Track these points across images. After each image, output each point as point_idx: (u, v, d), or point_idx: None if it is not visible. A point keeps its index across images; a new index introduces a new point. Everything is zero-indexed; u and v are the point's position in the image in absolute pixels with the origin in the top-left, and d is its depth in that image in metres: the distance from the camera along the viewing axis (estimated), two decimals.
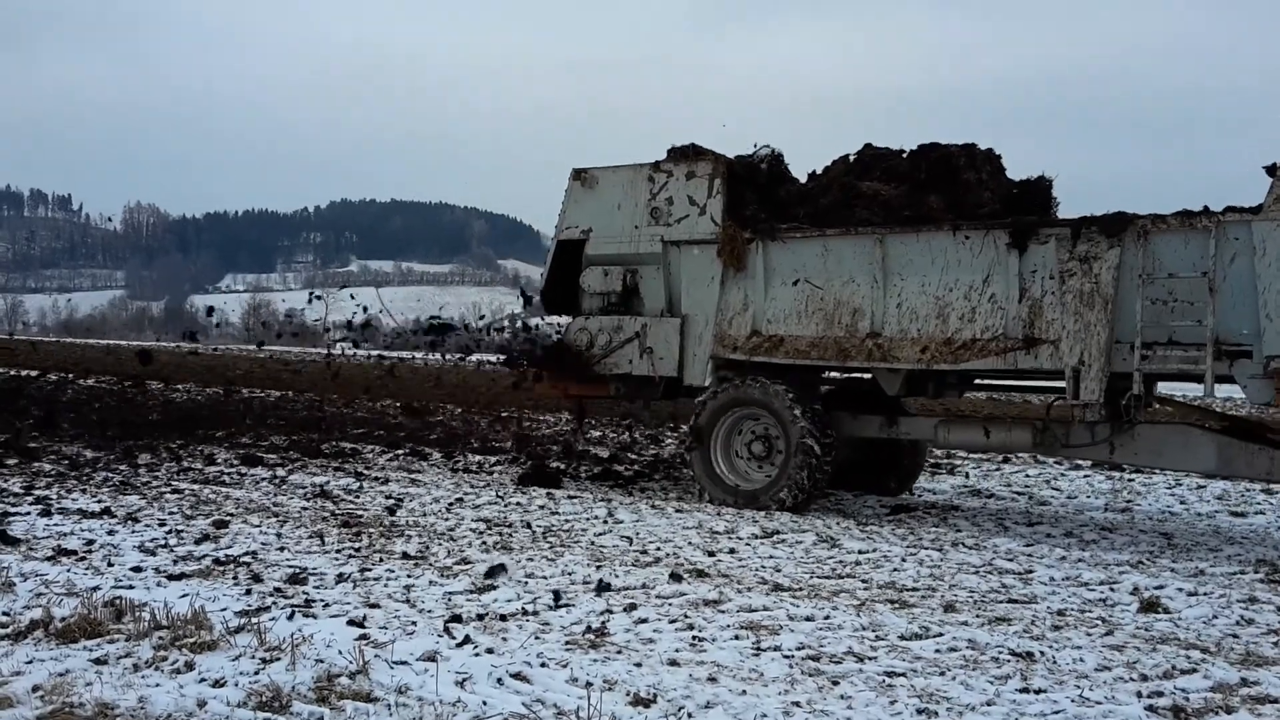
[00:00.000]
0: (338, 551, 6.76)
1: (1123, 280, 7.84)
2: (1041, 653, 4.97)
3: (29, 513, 7.65)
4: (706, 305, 9.56)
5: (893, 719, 4.06)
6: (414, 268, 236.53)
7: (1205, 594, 6.35)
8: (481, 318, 15.10)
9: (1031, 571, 6.89)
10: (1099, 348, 7.87)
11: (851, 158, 9.79)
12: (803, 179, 10.05)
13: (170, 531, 7.17)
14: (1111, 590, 6.42)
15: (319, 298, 19.76)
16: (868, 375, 9.45)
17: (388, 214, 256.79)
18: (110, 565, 6.15)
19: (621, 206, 9.98)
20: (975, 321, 8.37)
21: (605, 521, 8.22)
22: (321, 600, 5.51)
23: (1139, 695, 4.40)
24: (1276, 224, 7.32)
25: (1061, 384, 8.27)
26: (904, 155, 9.62)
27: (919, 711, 4.13)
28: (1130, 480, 12.59)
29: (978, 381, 9.75)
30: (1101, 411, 8.04)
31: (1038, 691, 4.41)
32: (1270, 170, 7.40)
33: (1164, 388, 9.53)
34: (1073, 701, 4.27)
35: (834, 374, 10.08)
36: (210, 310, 29.38)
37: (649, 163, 9.90)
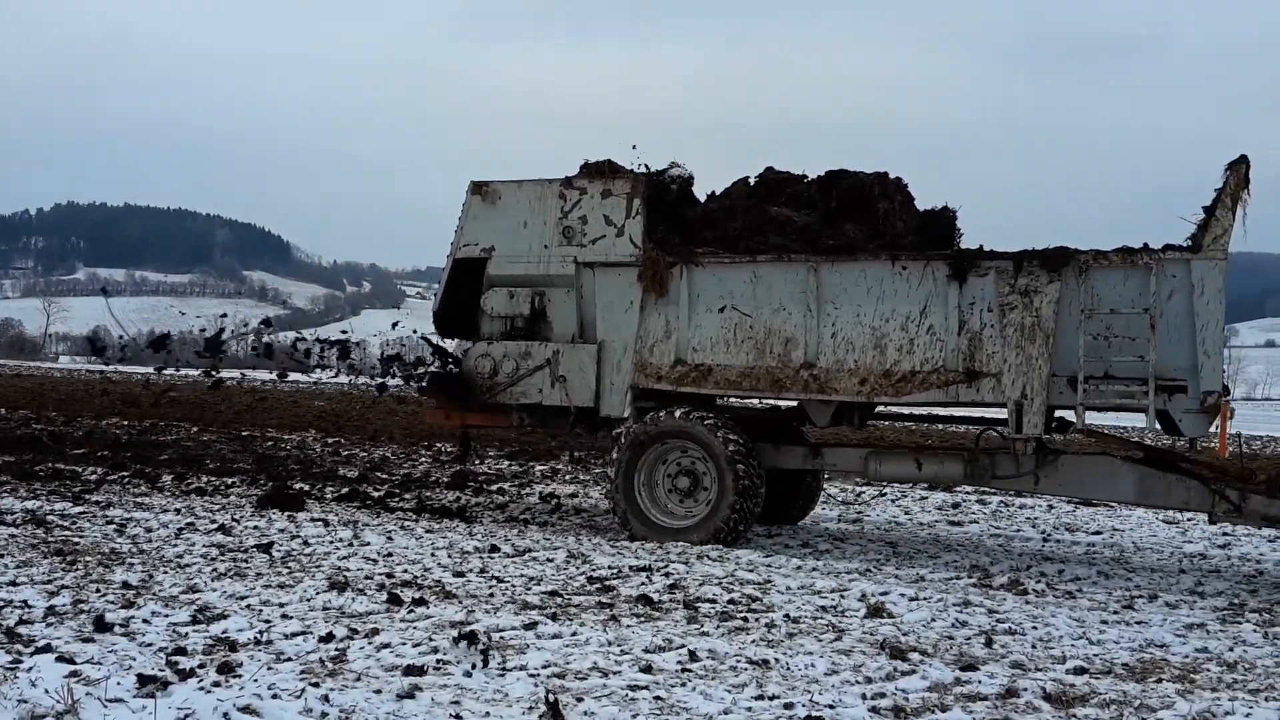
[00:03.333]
0: (48, 582, 6.21)
1: (1062, 314, 7.86)
2: (777, 659, 5.16)
3: None
4: (625, 331, 9.08)
5: None
6: (149, 277, 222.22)
7: (925, 599, 6.80)
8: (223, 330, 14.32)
9: (770, 581, 7.16)
10: (1040, 382, 7.85)
11: (752, 180, 9.50)
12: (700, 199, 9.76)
13: None
14: (842, 597, 6.77)
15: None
16: (791, 404, 9.25)
17: (120, 218, 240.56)
18: None
19: (528, 224, 9.38)
20: (914, 353, 8.22)
21: (351, 544, 7.94)
22: (27, 635, 5.03)
23: (864, 697, 4.64)
24: (1214, 263, 7.59)
25: (995, 414, 8.36)
26: (807, 180, 9.40)
27: None
28: (861, 492, 13.36)
29: (878, 411, 9.52)
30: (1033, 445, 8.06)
31: (771, 698, 4.58)
32: (1208, 210, 7.65)
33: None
34: (803, 706, 4.45)
35: (736, 402, 9.77)
36: None
37: (559, 178, 9.35)
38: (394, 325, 14.37)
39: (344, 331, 13.01)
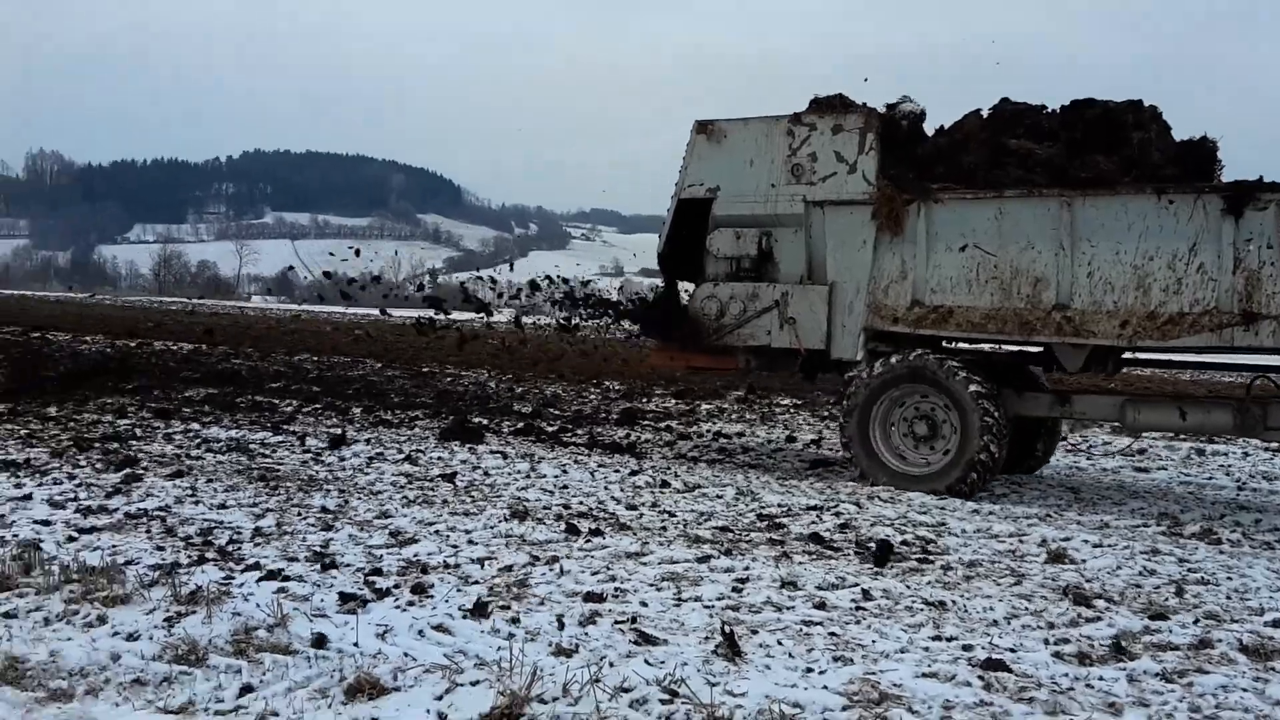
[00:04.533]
0: (254, 505, 6.65)
1: None
2: (954, 601, 5.11)
3: None
4: (857, 272, 8.77)
5: (809, 667, 4.13)
6: (330, 220, 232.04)
7: (1110, 545, 6.59)
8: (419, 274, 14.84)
9: (944, 524, 7.06)
10: None
11: (985, 113, 9.00)
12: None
13: (80, 485, 6.98)
14: (1021, 542, 6.62)
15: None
16: (1025, 349, 8.92)
17: (303, 165, 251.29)
18: (17, 519, 5.97)
19: (755, 163, 9.13)
20: (1182, 294, 7.64)
21: (528, 476, 8.21)
22: (237, 555, 5.42)
23: (1046, 642, 4.55)
24: None
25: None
26: (1048, 111, 8.84)
27: (834, 659, 4.22)
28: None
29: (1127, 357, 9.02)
30: None
31: (949, 639, 4.54)
32: None
33: None
34: (983, 649, 4.39)
35: (964, 345, 9.29)
36: None
37: (787, 115, 9.06)
38: (554, 269, 14.48)
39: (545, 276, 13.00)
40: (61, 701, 3.55)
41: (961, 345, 9.11)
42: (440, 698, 3.60)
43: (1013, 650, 4.40)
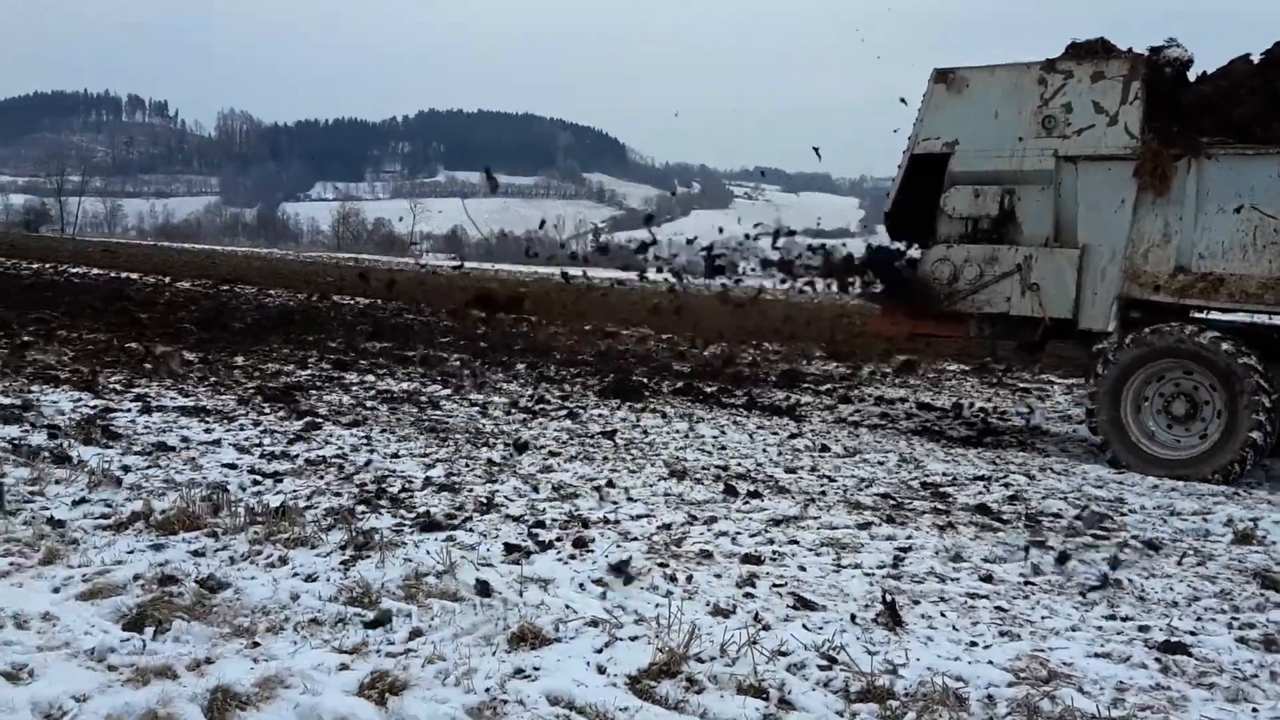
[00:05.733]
0: (424, 456, 6.89)
1: None
2: (1130, 580, 4.88)
3: (130, 409, 7.91)
4: (1113, 234, 8.14)
5: (973, 640, 4.02)
6: (499, 179, 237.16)
7: None
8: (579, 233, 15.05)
9: (1122, 500, 6.75)
10: None
11: (1256, 58, 8.25)
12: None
13: (264, 431, 7.37)
14: (1205, 520, 6.27)
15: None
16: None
17: (474, 124, 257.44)
18: (207, 462, 6.34)
19: (1000, 114, 8.57)
20: None
21: (686, 436, 8.24)
22: (409, 503, 5.63)
23: (1230, 626, 4.30)
24: None
25: None
26: None
27: (1001, 634, 4.09)
28: None
29: None
30: None
31: (1124, 619, 4.34)
32: None
33: None
34: (1160, 630, 4.19)
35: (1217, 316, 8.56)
36: None
37: (1039, 61, 8.46)
38: (719, 230, 14.35)
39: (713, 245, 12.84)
40: (244, 638, 3.76)
41: (1214, 316, 8.39)
42: (600, 650, 3.66)
43: (1193, 633, 4.18)
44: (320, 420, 7.87)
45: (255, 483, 5.85)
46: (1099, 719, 3.27)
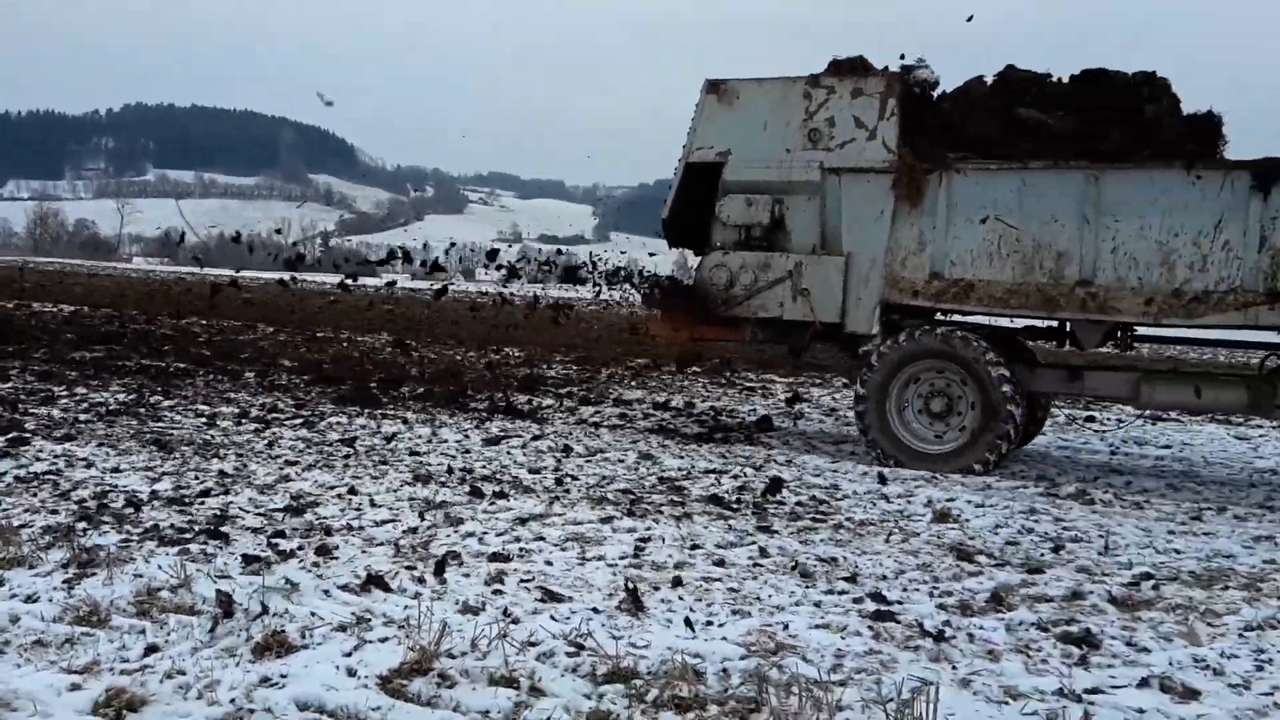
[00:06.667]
0: (148, 469, 6.55)
1: None
2: (845, 558, 5.33)
3: None
4: (873, 243, 8.53)
5: (709, 619, 4.28)
6: (217, 179, 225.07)
7: (991, 506, 6.91)
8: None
9: (837, 486, 7.31)
10: None
11: (989, 80, 8.76)
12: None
13: None
14: (908, 503, 6.90)
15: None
16: (1021, 324, 8.87)
17: (188, 120, 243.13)
18: None
19: (769, 126, 8.82)
20: (1208, 272, 7.58)
21: (429, 441, 8.22)
22: (134, 519, 5.35)
23: (931, 594, 4.79)
24: None
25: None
26: (1056, 81, 8.63)
27: (733, 612, 4.38)
28: None
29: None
30: None
31: (840, 593, 4.74)
32: None
33: None
34: (871, 600, 4.61)
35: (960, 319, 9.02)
36: None
37: (804, 76, 8.75)
38: (450, 236, 14.37)
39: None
40: None
41: (958, 319, 8.96)
42: (349, 654, 3.65)
43: (899, 602, 4.62)
44: (28, 435, 7.30)
45: None
46: (820, 683, 3.58)
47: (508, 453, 7.90)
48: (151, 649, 3.66)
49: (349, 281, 13.94)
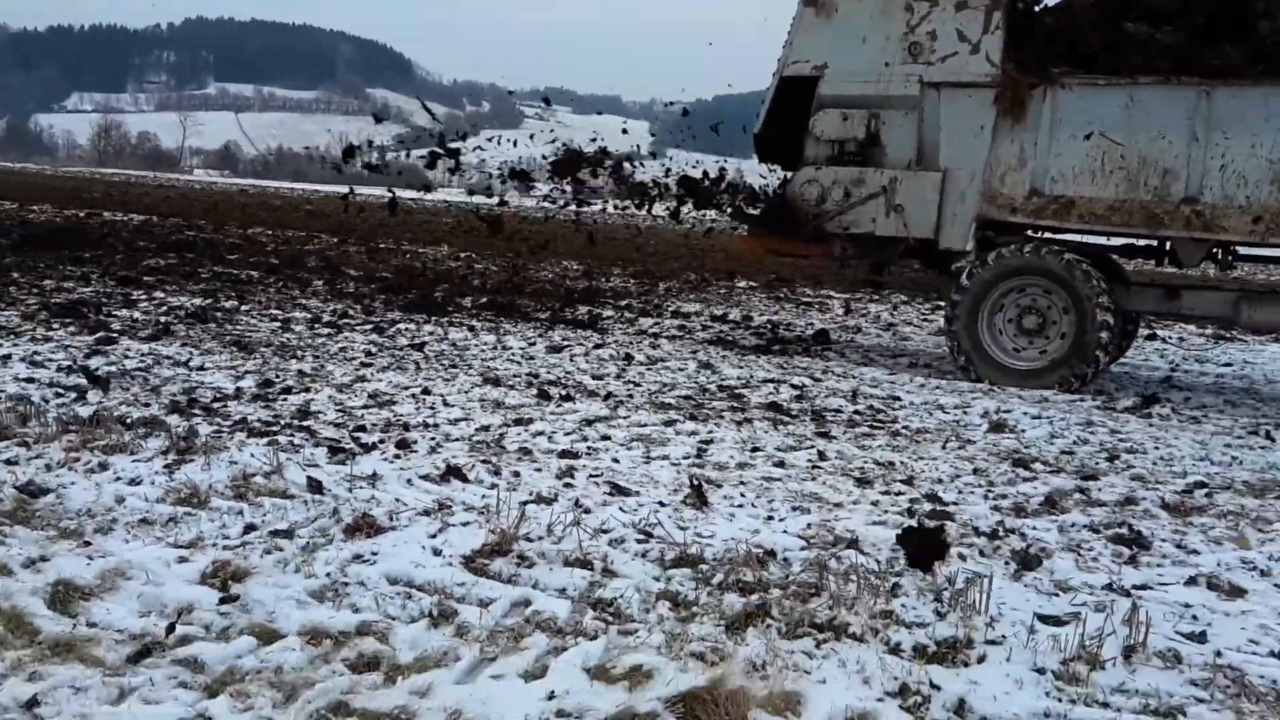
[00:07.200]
0: (231, 368, 6.84)
1: None
2: (902, 462, 5.48)
3: None
4: (972, 159, 8.49)
5: (770, 515, 4.47)
6: (276, 93, 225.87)
7: (1048, 417, 7.00)
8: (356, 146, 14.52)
9: (895, 397, 7.44)
10: None
11: None
12: None
13: (57, 347, 7.11)
14: (965, 413, 7.01)
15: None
16: (1145, 242, 8.79)
17: (247, 34, 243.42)
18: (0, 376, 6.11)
19: (868, 39, 8.76)
20: None
21: (495, 348, 8.45)
22: (225, 412, 5.64)
23: (986, 497, 4.94)
24: None
25: None
26: None
27: (794, 509, 4.57)
28: None
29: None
30: None
31: (897, 494, 4.91)
32: None
33: None
34: (927, 501, 4.77)
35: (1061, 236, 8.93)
36: None
37: None
38: (514, 144, 14.18)
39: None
40: (73, 539, 3.79)
41: (1059, 235, 8.89)
42: (434, 536, 3.89)
43: (955, 503, 4.78)
44: (115, 335, 7.64)
45: (58, 395, 5.70)
46: (878, 572, 3.76)
47: (570, 359, 8.11)
48: (250, 528, 3.92)
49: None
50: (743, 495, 4.74)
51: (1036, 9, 8.88)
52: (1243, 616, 3.56)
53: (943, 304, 8.90)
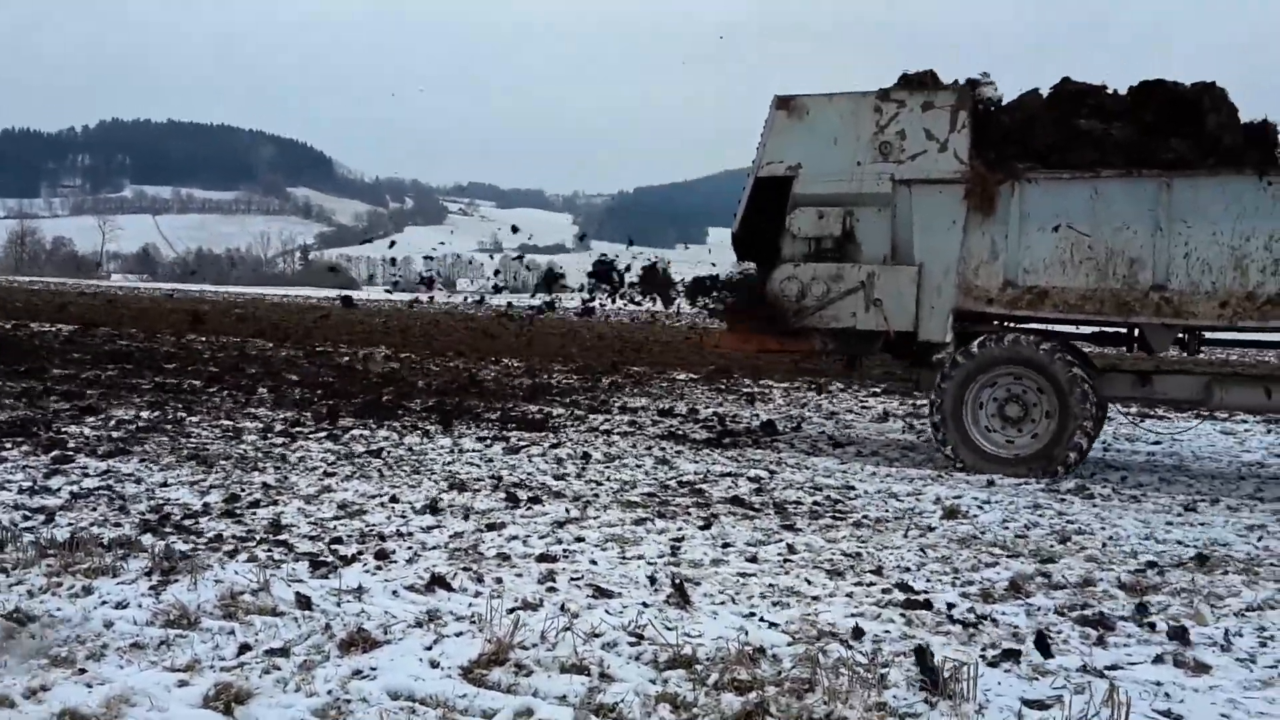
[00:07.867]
0: (194, 483, 6.81)
1: None
2: (869, 552, 5.66)
3: None
4: (945, 252, 8.71)
5: (751, 611, 4.59)
6: (195, 194, 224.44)
7: (997, 502, 7.26)
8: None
9: (850, 486, 7.65)
10: None
11: (1046, 92, 9.03)
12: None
13: (15, 467, 7.01)
14: (918, 500, 7.24)
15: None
16: (1112, 329, 8.99)
17: (165, 135, 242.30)
18: None
19: (839, 140, 9.01)
20: (1279, 275, 7.88)
21: (452, 451, 8.51)
22: (197, 529, 5.62)
23: (954, 584, 5.12)
24: None
25: None
26: (1113, 93, 8.90)
27: (774, 604, 4.70)
28: (920, 404, 13.74)
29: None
30: None
31: (870, 584, 5.07)
32: None
33: None
34: (900, 589, 4.94)
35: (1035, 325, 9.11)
36: None
37: (874, 91, 8.99)
38: (437, 246, 14.29)
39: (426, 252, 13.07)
40: (66, 667, 3.77)
41: (1033, 325, 9.10)
42: (429, 647, 3.95)
43: (926, 592, 4.95)
44: (71, 453, 7.55)
45: (25, 518, 5.64)
46: (866, 665, 3.90)
47: (529, 460, 8.20)
48: (244, 647, 3.93)
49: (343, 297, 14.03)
50: (722, 592, 4.86)
51: (993, 109, 9.22)
52: (1211, 692, 3.77)
53: (915, 396, 9.12)
